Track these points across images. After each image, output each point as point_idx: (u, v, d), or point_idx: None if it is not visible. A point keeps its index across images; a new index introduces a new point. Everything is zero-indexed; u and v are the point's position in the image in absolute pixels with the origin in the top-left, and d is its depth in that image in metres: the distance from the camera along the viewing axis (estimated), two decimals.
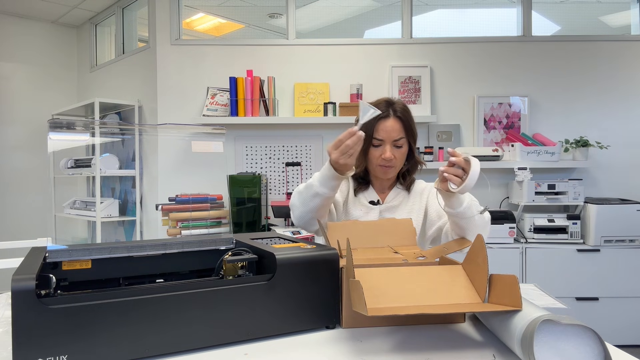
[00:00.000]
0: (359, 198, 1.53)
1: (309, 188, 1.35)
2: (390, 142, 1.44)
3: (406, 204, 1.53)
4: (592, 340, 0.76)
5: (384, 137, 1.44)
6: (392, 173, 1.50)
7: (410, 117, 1.49)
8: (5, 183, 4.17)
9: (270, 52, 3.45)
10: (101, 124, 2.12)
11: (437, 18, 3.89)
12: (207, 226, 2.97)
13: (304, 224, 1.42)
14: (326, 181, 1.31)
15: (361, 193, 1.54)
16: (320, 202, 1.34)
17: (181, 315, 0.86)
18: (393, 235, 1.27)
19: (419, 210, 1.52)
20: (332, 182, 1.31)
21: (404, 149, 1.48)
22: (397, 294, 0.96)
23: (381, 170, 1.48)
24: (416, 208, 1.52)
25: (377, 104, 1.48)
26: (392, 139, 1.44)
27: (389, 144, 1.44)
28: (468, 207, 1.27)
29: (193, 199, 2.98)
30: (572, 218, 3.10)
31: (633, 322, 3.01)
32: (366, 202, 1.52)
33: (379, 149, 1.46)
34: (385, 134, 1.44)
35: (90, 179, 4.27)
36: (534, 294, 1.28)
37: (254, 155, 3.43)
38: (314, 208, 1.36)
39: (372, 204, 1.52)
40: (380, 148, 1.45)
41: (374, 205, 1.52)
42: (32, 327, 0.76)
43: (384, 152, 1.44)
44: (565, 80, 3.42)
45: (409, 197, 1.54)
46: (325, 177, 1.31)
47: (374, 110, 1.20)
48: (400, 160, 1.48)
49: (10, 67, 4.22)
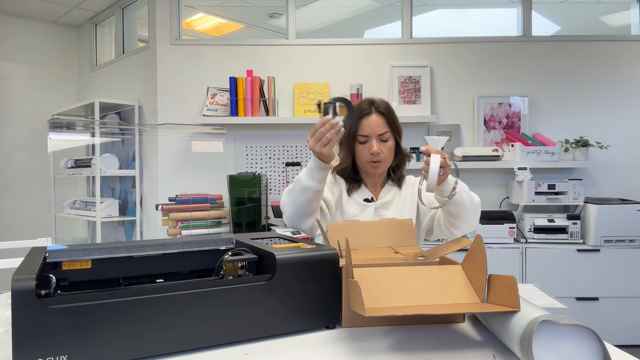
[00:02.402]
0: (353, 197, 1.56)
1: (296, 183, 1.39)
2: (375, 136, 1.49)
3: (399, 199, 1.57)
4: (591, 340, 0.76)
5: (369, 132, 1.49)
6: (382, 168, 1.54)
7: (393, 113, 1.54)
8: (5, 183, 4.17)
9: (270, 52, 3.45)
10: (101, 124, 2.13)
11: (437, 18, 3.89)
12: (207, 226, 2.97)
13: (296, 221, 1.43)
14: (312, 173, 1.35)
15: (354, 192, 1.57)
16: (310, 195, 1.37)
17: (181, 315, 0.86)
18: (393, 235, 1.27)
19: (412, 203, 1.56)
20: (318, 173, 1.34)
21: (390, 143, 1.52)
22: (396, 294, 0.96)
23: (371, 166, 1.52)
24: (408, 202, 1.56)
25: (359, 104, 1.54)
26: (377, 133, 1.49)
27: (374, 139, 1.49)
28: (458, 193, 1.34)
29: (193, 199, 2.98)
30: (572, 218, 3.10)
31: (633, 322, 3.01)
32: (360, 200, 1.55)
33: (365, 145, 1.50)
34: (370, 129, 1.49)
35: (90, 179, 4.28)
36: (534, 294, 1.28)
37: (254, 155, 3.43)
38: (304, 203, 1.38)
39: (367, 202, 1.55)
40: (367, 144, 1.50)
41: (369, 202, 1.55)
42: (32, 327, 0.76)
43: (371, 147, 1.49)
44: (565, 80, 3.42)
45: (401, 192, 1.58)
46: (310, 169, 1.35)
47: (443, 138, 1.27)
48: (388, 155, 1.52)
49: (10, 67, 4.22)
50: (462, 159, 3.20)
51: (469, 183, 1.51)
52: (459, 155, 3.20)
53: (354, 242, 1.23)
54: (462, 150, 3.22)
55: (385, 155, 1.51)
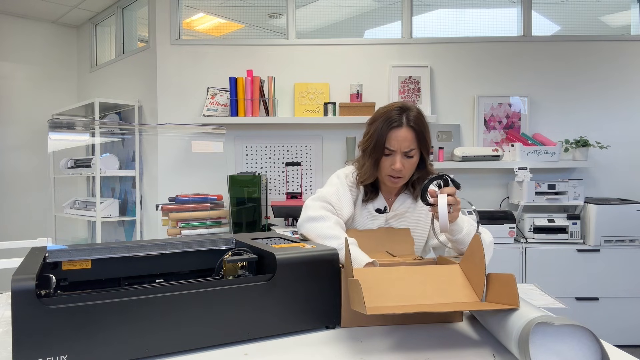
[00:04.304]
0: (367, 206, 1.50)
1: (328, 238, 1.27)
2: (401, 152, 1.39)
3: (413, 213, 1.50)
4: (588, 340, 0.76)
5: (395, 147, 1.38)
6: (400, 183, 1.45)
7: (425, 126, 1.42)
8: (5, 183, 4.17)
9: (270, 52, 3.45)
10: (101, 124, 2.13)
11: (437, 18, 3.89)
12: (207, 226, 2.97)
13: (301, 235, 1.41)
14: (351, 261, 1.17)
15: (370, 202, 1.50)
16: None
17: (181, 315, 0.86)
18: (391, 244, 1.28)
19: (426, 219, 1.49)
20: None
21: (415, 159, 1.42)
22: (396, 294, 0.97)
23: (390, 181, 1.43)
24: (423, 217, 1.50)
25: (389, 109, 1.42)
26: (403, 149, 1.38)
27: (399, 154, 1.39)
28: (467, 234, 1.29)
29: (193, 199, 2.98)
30: (572, 218, 3.10)
31: (633, 322, 3.01)
32: (372, 211, 1.49)
33: (389, 158, 1.41)
34: (397, 144, 1.38)
35: (90, 179, 4.28)
36: (534, 294, 1.28)
37: (254, 155, 3.43)
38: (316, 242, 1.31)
39: (379, 212, 1.49)
40: (391, 157, 1.40)
41: (381, 213, 1.49)
42: (32, 327, 0.76)
43: (393, 163, 1.39)
44: (565, 80, 3.42)
45: (416, 204, 1.51)
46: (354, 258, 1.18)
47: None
48: (410, 170, 1.43)
49: (10, 67, 4.22)
50: (462, 159, 3.20)
51: (469, 183, 1.51)
52: (459, 155, 3.20)
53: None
54: (462, 150, 3.22)
55: (406, 172, 1.42)
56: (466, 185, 3.33)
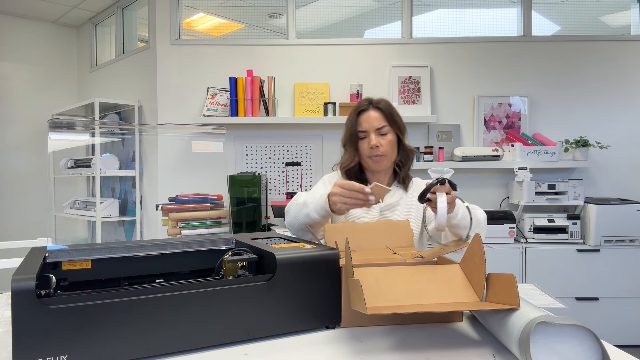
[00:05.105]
0: None
1: (304, 206, 1.38)
2: (373, 130, 1.50)
3: (405, 202, 1.54)
4: (589, 340, 0.76)
5: (366, 127, 1.51)
6: (384, 162, 1.52)
7: (392, 108, 1.54)
8: (5, 183, 4.17)
9: (270, 52, 3.45)
10: (101, 124, 2.13)
11: (437, 18, 3.89)
12: (207, 226, 2.97)
13: (295, 232, 1.45)
14: (319, 209, 1.35)
15: None
16: (310, 222, 1.38)
17: (181, 315, 0.86)
18: (390, 237, 1.27)
19: (418, 207, 1.53)
20: (324, 212, 1.34)
21: (390, 137, 1.51)
22: (396, 293, 0.97)
23: (372, 161, 1.51)
24: (414, 206, 1.54)
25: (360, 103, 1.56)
26: (374, 127, 1.50)
27: (373, 133, 1.50)
28: (463, 218, 1.33)
29: (193, 199, 2.98)
30: (572, 218, 3.10)
31: (633, 322, 3.01)
32: None
33: (365, 141, 1.51)
34: (367, 124, 1.51)
35: (90, 179, 4.28)
36: (534, 294, 1.28)
37: (254, 155, 3.43)
38: (303, 224, 1.40)
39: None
40: (367, 139, 1.51)
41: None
42: (32, 327, 0.76)
43: (370, 141, 1.49)
44: (565, 80, 3.42)
45: (407, 195, 1.56)
46: (319, 205, 1.34)
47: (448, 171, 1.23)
48: (389, 148, 1.51)
49: (10, 67, 4.22)
50: (462, 159, 3.20)
51: (469, 183, 1.52)
52: (459, 155, 3.20)
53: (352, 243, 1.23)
54: (462, 150, 3.22)
55: (385, 149, 1.50)
56: (466, 185, 3.33)
